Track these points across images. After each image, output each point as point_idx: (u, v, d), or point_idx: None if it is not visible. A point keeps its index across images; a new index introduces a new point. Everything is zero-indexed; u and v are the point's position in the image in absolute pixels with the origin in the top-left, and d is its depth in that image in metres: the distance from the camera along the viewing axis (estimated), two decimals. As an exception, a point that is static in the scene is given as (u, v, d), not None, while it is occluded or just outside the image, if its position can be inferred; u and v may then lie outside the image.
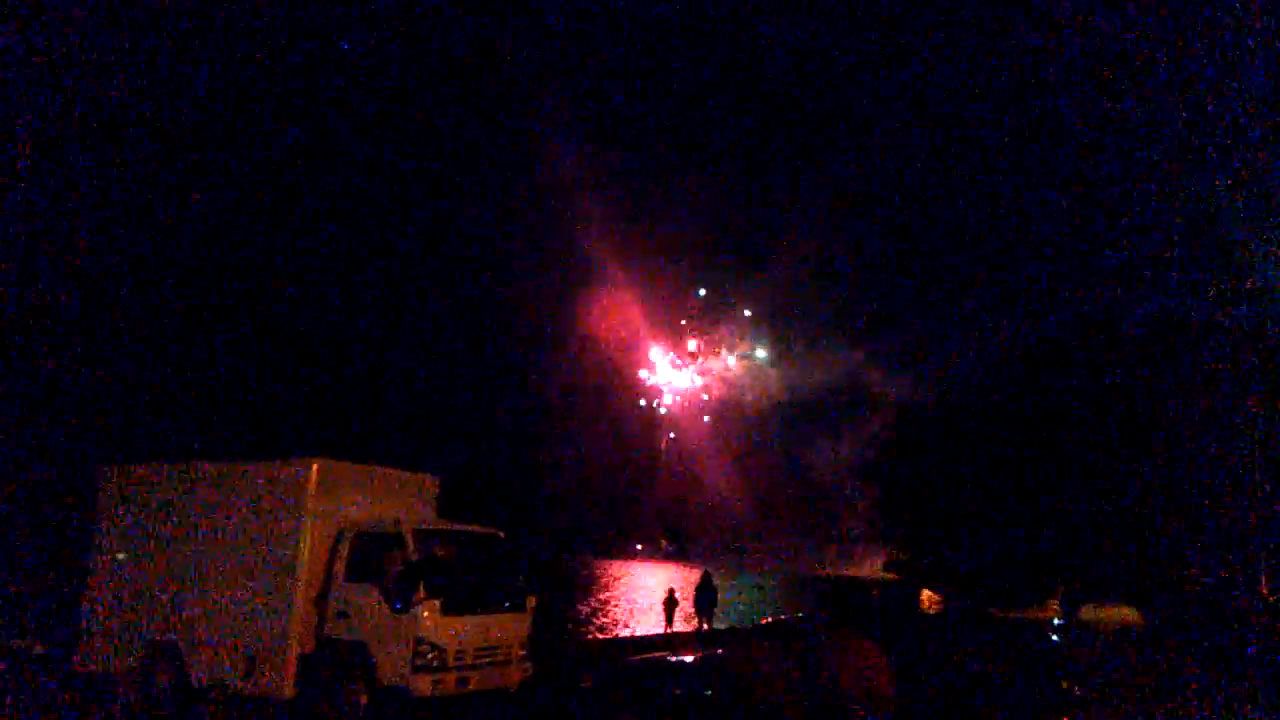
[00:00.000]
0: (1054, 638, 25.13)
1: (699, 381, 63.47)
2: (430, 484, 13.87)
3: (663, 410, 63.19)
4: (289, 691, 11.54)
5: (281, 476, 12.47)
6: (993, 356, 43.07)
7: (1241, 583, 30.91)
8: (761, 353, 61.84)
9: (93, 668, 13.57)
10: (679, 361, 62.10)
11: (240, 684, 11.88)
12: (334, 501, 12.15)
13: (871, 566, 54.87)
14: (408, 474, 13.70)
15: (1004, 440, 35.22)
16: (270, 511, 12.33)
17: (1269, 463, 31.60)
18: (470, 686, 11.38)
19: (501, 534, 13.06)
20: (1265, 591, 30.38)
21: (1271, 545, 31.11)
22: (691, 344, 61.52)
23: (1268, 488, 31.48)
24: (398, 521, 11.97)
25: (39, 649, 15.86)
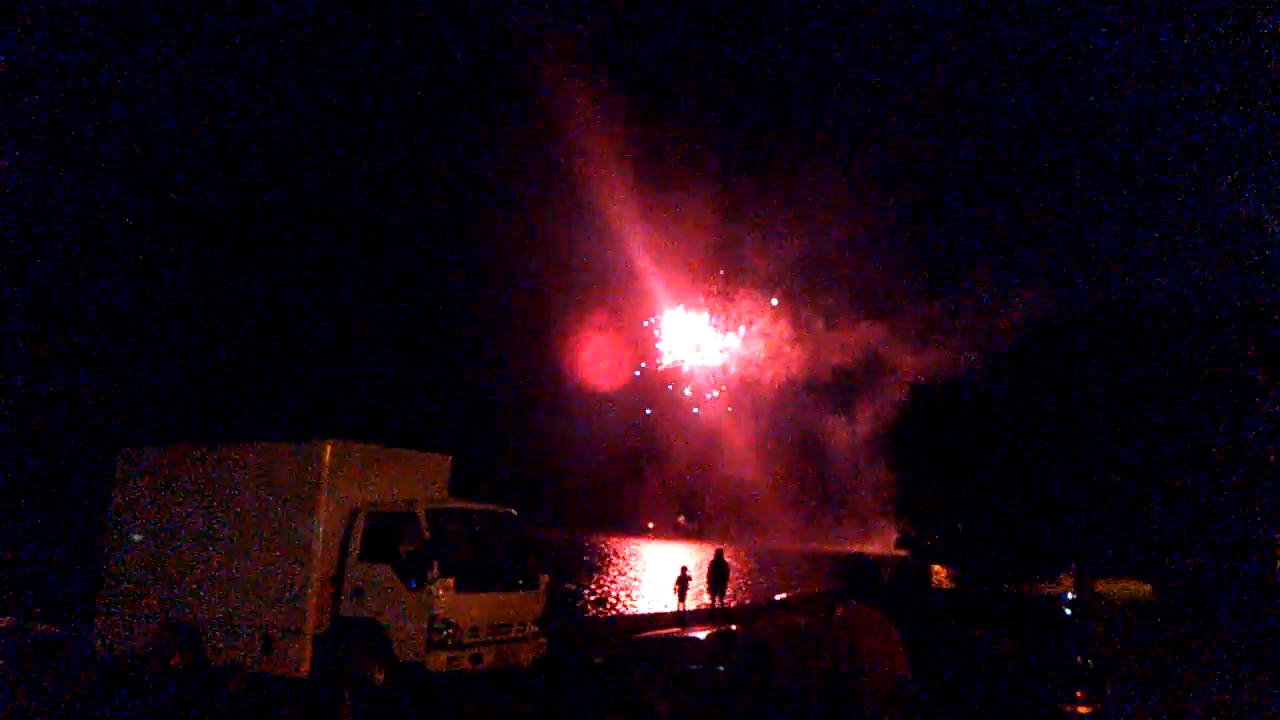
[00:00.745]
0: (1067, 612, 25.12)
1: (719, 360, 63.23)
2: (442, 463, 13.93)
3: (687, 390, 62.90)
4: (306, 670, 11.66)
5: (296, 457, 12.54)
6: (1006, 332, 42.92)
7: (1253, 557, 30.85)
8: (780, 329, 61.65)
9: (111, 649, 13.72)
10: (714, 323, 61.50)
11: (257, 663, 12.00)
12: (348, 482, 12.22)
13: (885, 542, 54.95)
14: (420, 454, 13.75)
15: (1015, 416, 35.13)
16: (285, 492, 12.42)
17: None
18: (485, 664, 11.47)
19: (514, 512, 13.12)
20: (1278, 566, 30.32)
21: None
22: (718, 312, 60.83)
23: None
24: (411, 501, 12.04)
25: (58, 630, 16.03)
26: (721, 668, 11.37)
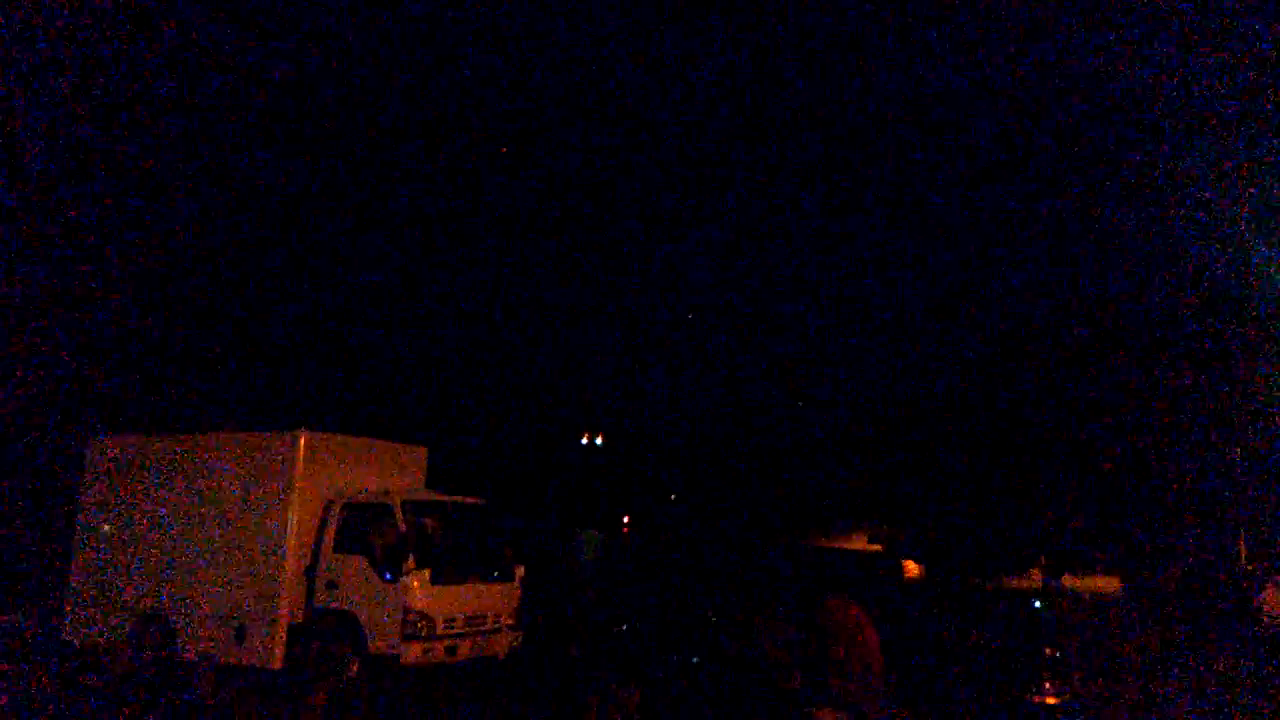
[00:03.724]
0: (1035, 604, 25.45)
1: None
2: (418, 455, 13.89)
3: None
4: (278, 662, 11.61)
5: (270, 447, 12.46)
6: (972, 331, 43.33)
7: (1220, 551, 31.33)
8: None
9: (81, 640, 13.58)
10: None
11: (229, 654, 11.92)
12: (322, 472, 12.17)
13: (857, 538, 55.38)
14: (396, 445, 13.71)
15: (982, 414, 35.52)
16: (259, 483, 12.34)
17: (1247, 432, 32.00)
18: (459, 655, 11.48)
19: (488, 503, 13.12)
20: (1243, 559, 30.84)
21: (1249, 515, 31.55)
22: None
23: (1245, 458, 31.88)
24: (386, 492, 12.02)
25: (27, 622, 15.84)
26: (696, 659, 11.46)
